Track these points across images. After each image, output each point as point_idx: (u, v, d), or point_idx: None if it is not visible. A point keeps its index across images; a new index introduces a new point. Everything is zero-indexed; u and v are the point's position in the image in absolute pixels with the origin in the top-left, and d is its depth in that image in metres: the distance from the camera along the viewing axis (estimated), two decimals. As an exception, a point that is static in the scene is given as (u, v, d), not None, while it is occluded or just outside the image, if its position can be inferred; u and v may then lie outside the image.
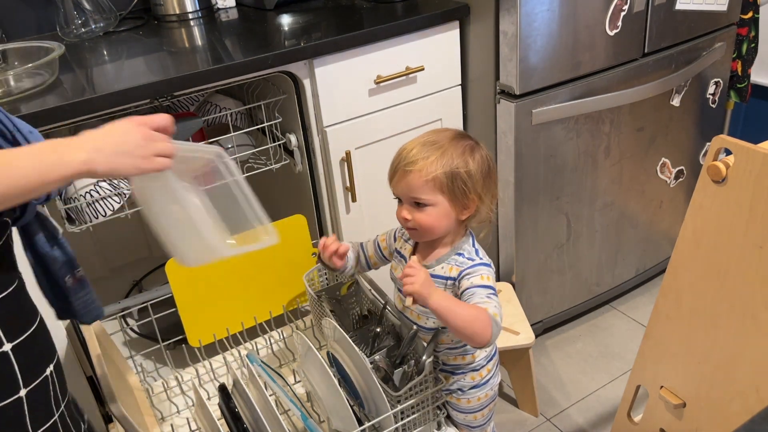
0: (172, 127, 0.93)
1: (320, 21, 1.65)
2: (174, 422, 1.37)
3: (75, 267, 1.00)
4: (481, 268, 1.15)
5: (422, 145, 1.14)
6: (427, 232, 1.16)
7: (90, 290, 1.04)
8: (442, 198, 1.13)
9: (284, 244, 1.53)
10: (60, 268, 0.98)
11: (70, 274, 1.00)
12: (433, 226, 1.14)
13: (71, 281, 1.00)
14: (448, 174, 1.11)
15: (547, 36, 1.55)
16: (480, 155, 1.15)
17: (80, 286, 1.02)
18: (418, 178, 1.12)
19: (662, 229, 2.10)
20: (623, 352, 1.95)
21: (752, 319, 1.09)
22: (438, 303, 1.06)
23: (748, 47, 2.04)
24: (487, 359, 1.29)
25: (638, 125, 1.83)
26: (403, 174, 1.14)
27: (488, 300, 1.11)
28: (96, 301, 1.06)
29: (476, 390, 1.29)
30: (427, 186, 1.12)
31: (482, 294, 1.12)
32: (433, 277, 1.17)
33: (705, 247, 1.14)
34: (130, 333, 1.75)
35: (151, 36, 1.70)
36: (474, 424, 1.34)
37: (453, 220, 1.16)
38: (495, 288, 1.14)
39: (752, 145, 1.02)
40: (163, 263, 1.48)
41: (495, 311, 1.09)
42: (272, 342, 1.56)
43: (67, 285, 1.00)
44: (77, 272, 1.01)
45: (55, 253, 0.97)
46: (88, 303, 1.04)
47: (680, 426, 1.30)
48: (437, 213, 1.13)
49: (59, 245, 0.97)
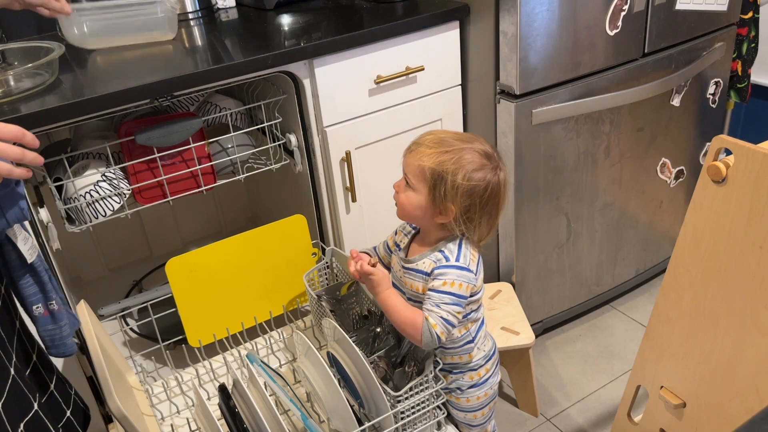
0: (30, 140, 0.88)
1: (320, 21, 1.65)
2: (174, 422, 1.37)
3: (49, 299, 0.98)
4: (450, 271, 1.16)
5: (436, 136, 1.18)
6: (402, 210, 1.22)
7: (62, 326, 1.01)
8: (424, 190, 1.16)
9: (284, 244, 1.54)
10: (30, 296, 0.95)
11: (41, 304, 0.97)
12: (405, 207, 1.20)
13: (41, 311, 0.97)
14: (436, 172, 1.14)
15: (547, 36, 1.55)
16: (481, 178, 1.14)
17: (51, 320, 0.98)
18: (414, 160, 1.17)
19: (662, 229, 2.10)
20: (623, 352, 1.95)
21: (752, 319, 1.09)
22: (386, 301, 1.18)
23: (748, 47, 2.04)
24: (486, 359, 1.29)
25: (638, 125, 1.83)
26: (408, 151, 1.20)
27: (434, 309, 1.14)
28: (65, 339, 1.02)
29: (475, 389, 1.29)
30: (416, 171, 1.17)
31: (434, 300, 1.15)
32: (414, 270, 1.22)
33: (705, 247, 1.14)
34: (130, 333, 1.75)
35: (151, 36, 1.70)
36: (474, 423, 1.34)
37: (429, 218, 1.19)
38: (459, 294, 1.15)
39: (752, 145, 1.02)
40: (163, 263, 1.48)
41: (434, 321, 1.13)
42: (272, 342, 1.56)
43: (35, 314, 0.97)
44: (50, 304, 0.98)
45: (27, 280, 0.94)
46: (55, 338, 1.01)
47: (680, 426, 1.30)
48: (415, 199, 1.18)
49: (32, 272, 0.95)
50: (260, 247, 1.51)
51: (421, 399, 1.18)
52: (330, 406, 1.20)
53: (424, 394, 1.18)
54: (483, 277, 1.24)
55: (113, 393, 1.01)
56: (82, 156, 1.43)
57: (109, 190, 1.39)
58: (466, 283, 1.16)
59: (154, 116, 1.49)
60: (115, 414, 1.01)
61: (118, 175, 1.42)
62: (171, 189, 1.48)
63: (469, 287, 1.16)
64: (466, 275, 1.16)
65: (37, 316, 0.97)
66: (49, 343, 1.01)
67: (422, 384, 1.18)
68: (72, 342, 1.05)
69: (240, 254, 1.49)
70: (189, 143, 1.45)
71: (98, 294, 1.85)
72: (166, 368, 1.54)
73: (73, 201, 1.38)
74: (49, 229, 1.37)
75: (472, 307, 1.24)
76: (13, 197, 0.89)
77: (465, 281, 1.16)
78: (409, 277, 1.24)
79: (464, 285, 1.15)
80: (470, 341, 1.26)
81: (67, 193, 1.39)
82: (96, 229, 1.44)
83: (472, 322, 1.26)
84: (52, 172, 1.44)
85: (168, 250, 2.10)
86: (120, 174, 1.43)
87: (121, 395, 1.07)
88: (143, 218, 2.04)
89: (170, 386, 1.47)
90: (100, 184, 1.38)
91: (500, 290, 1.79)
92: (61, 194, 1.40)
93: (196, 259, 1.45)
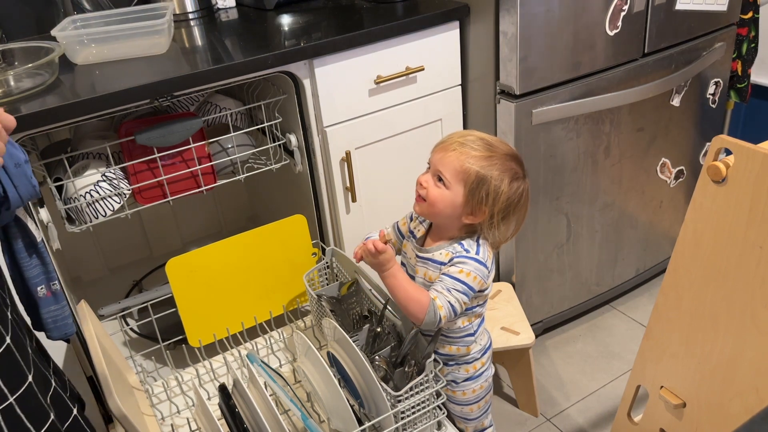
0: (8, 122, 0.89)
1: (320, 21, 1.65)
2: (174, 422, 1.37)
3: (51, 279, 1.01)
4: (469, 262, 1.18)
5: (481, 139, 1.18)
6: (431, 207, 1.19)
7: (64, 306, 1.04)
8: (460, 190, 1.16)
9: (284, 244, 1.54)
10: (34, 277, 0.98)
11: (45, 285, 0.99)
12: (436, 204, 1.18)
13: (45, 293, 0.99)
14: (480, 176, 1.14)
15: (547, 36, 1.55)
16: (518, 186, 1.17)
17: (54, 300, 1.02)
18: (456, 159, 1.15)
19: (662, 229, 2.10)
20: (623, 352, 1.95)
21: (752, 319, 1.09)
22: (393, 278, 1.17)
23: (748, 47, 2.04)
24: (482, 352, 1.30)
25: (638, 125, 1.83)
26: (446, 148, 1.18)
27: (444, 292, 1.16)
28: (67, 319, 1.06)
29: (470, 382, 1.30)
30: (456, 170, 1.16)
31: (446, 284, 1.16)
32: (430, 260, 1.23)
33: (705, 247, 1.14)
34: (130, 333, 1.75)
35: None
36: (470, 417, 1.34)
37: (456, 217, 1.19)
38: (470, 285, 1.16)
39: (752, 145, 1.02)
40: (163, 263, 1.48)
41: (441, 303, 1.14)
42: (272, 342, 1.56)
43: (38, 295, 1.00)
44: (53, 284, 1.01)
45: (32, 261, 0.97)
46: (57, 319, 1.04)
47: (680, 426, 1.30)
48: (448, 197, 1.17)
49: (38, 254, 0.98)
50: (260, 247, 1.51)
51: (421, 399, 1.18)
52: (330, 406, 1.20)
53: (424, 394, 1.18)
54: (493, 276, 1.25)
55: (113, 393, 1.01)
56: (82, 156, 1.43)
57: (109, 190, 1.39)
58: (480, 277, 1.18)
59: (154, 116, 1.49)
60: (115, 414, 1.01)
61: (118, 175, 1.42)
62: (171, 189, 1.48)
63: (480, 282, 1.18)
64: (482, 270, 1.18)
65: (41, 297, 1.00)
66: (51, 325, 1.03)
67: (422, 384, 1.18)
68: (72, 323, 1.06)
69: (240, 254, 1.49)
70: (189, 143, 1.45)
71: (98, 294, 1.85)
72: (166, 368, 1.54)
73: (73, 201, 1.38)
74: (49, 229, 1.37)
75: (479, 301, 1.25)
76: (25, 176, 0.93)
77: (480, 275, 1.18)
78: (423, 265, 1.25)
79: (478, 278, 1.17)
80: (471, 334, 1.28)
81: (67, 193, 1.39)
82: (96, 229, 1.44)
83: (476, 316, 1.27)
84: (52, 172, 1.44)
85: (168, 250, 2.10)
86: (120, 174, 1.43)
87: (122, 395, 1.07)
88: (143, 218, 2.04)
89: (170, 386, 1.47)
90: (100, 184, 1.38)
91: (500, 290, 1.79)
92: (61, 194, 1.40)
93: (196, 259, 1.45)
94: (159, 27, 1.43)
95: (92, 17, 1.56)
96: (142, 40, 1.45)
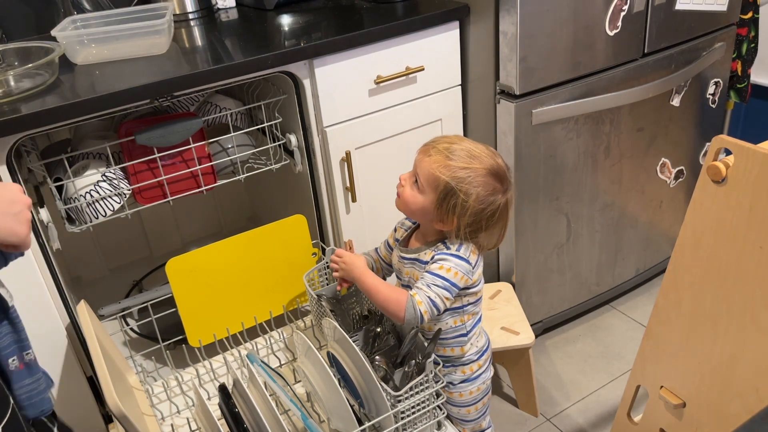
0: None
1: (320, 21, 1.65)
2: (174, 422, 1.37)
3: (24, 348, 0.90)
4: (449, 258, 1.18)
5: (465, 149, 1.16)
6: (404, 205, 1.23)
7: (39, 379, 0.92)
8: (432, 196, 1.17)
9: (284, 245, 1.54)
10: (5, 348, 0.88)
11: (17, 357, 0.89)
12: (408, 204, 1.21)
13: (17, 365, 0.89)
14: (449, 187, 1.15)
15: (547, 36, 1.55)
16: (493, 200, 1.16)
17: (27, 372, 0.90)
18: (430, 165, 1.17)
19: (662, 229, 2.10)
20: (623, 352, 1.95)
21: (752, 319, 1.09)
22: (365, 281, 1.22)
23: (748, 47, 2.04)
24: (478, 354, 1.30)
25: (638, 125, 1.83)
26: (427, 151, 1.19)
27: (423, 287, 1.16)
28: (43, 393, 0.93)
29: (467, 384, 1.30)
30: (429, 176, 1.17)
31: (426, 280, 1.17)
32: (414, 260, 1.24)
33: (705, 247, 1.14)
34: (130, 333, 1.75)
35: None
36: (468, 418, 1.34)
37: (428, 221, 1.21)
38: (452, 281, 1.17)
39: (752, 145, 1.02)
40: (163, 263, 1.48)
41: (421, 299, 1.15)
42: (272, 342, 1.56)
43: (10, 368, 0.88)
44: (26, 354, 0.90)
45: (2, 329, 0.87)
46: (33, 395, 0.91)
47: (680, 426, 1.30)
48: (419, 200, 1.19)
49: (9, 320, 0.88)
50: (260, 247, 1.51)
51: (421, 399, 1.18)
52: (330, 406, 1.20)
53: (424, 394, 1.18)
54: (482, 272, 1.25)
55: (113, 393, 1.01)
56: (82, 156, 1.43)
57: (109, 190, 1.39)
58: (462, 273, 1.18)
59: (154, 116, 1.49)
60: (115, 414, 1.01)
61: (118, 175, 1.42)
62: (171, 189, 1.48)
63: (464, 278, 1.18)
64: (464, 265, 1.18)
65: (13, 370, 0.89)
66: (26, 402, 0.91)
67: (422, 384, 1.18)
68: (50, 397, 0.94)
69: (240, 254, 1.49)
70: (189, 143, 1.45)
71: (98, 294, 1.85)
72: (166, 368, 1.54)
73: (73, 201, 1.38)
74: (49, 229, 1.37)
75: (470, 299, 1.25)
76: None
77: (461, 271, 1.18)
78: (409, 266, 1.26)
79: (459, 274, 1.17)
80: (463, 334, 1.27)
81: (67, 193, 1.39)
82: (96, 229, 1.44)
83: (469, 315, 1.26)
84: (53, 172, 1.44)
85: (168, 250, 2.10)
86: (120, 174, 1.43)
87: (121, 395, 1.07)
88: (143, 218, 2.04)
89: (170, 386, 1.47)
90: (100, 184, 1.38)
91: (500, 290, 1.79)
92: (61, 194, 1.40)
93: (196, 259, 1.45)
94: (159, 27, 1.44)
95: (92, 17, 1.56)
96: (142, 40, 1.45)
